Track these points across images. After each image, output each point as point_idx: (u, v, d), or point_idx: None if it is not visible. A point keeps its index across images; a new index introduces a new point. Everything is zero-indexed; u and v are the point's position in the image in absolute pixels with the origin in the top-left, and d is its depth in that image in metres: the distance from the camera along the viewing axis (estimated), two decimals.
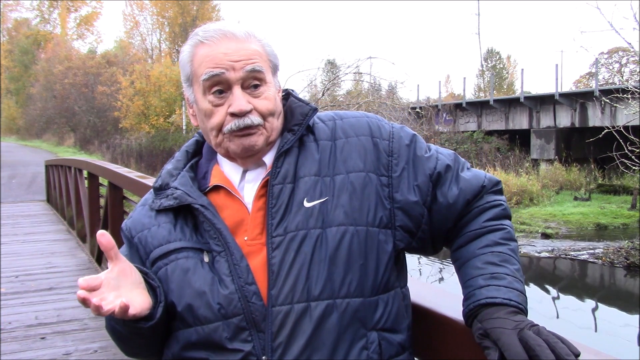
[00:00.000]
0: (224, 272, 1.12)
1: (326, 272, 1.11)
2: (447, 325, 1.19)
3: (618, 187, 18.40)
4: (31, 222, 9.94)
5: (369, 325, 1.13)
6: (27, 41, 49.96)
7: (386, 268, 1.17)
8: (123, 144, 30.48)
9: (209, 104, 1.18)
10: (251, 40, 1.19)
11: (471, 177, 1.24)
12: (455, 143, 23.27)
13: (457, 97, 37.69)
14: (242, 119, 1.16)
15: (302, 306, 1.09)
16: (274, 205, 1.15)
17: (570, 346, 0.95)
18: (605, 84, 25.64)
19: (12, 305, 4.82)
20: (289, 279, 1.10)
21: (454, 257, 1.23)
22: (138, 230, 1.25)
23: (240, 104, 1.15)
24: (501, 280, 1.09)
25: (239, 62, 1.16)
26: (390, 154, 1.23)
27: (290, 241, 1.12)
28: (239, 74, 1.16)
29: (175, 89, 30.86)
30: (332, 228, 1.14)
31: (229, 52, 1.16)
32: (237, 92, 1.16)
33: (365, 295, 1.13)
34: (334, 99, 17.85)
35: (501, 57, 50.54)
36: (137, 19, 44.72)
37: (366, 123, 1.26)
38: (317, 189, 1.17)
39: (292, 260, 1.11)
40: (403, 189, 1.20)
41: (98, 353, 3.74)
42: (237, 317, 1.10)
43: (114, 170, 5.14)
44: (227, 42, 1.17)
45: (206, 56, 1.17)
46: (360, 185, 1.18)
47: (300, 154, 1.21)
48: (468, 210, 1.22)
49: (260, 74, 1.17)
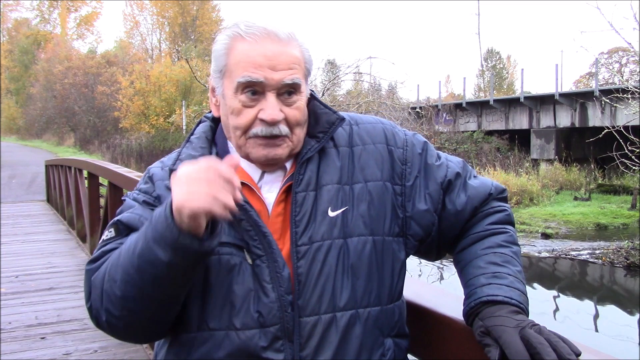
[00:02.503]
0: (265, 279, 1.10)
1: (350, 283, 1.12)
2: (446, 325, 1.19)
3: (618, 187, 18.39)
4: (31, 222, 9.93)
5: (385, 333, 1.16)
6: (27, 41, 49.96)
7: (400, 276, 1.20)
8: (123, 144, 30.47)
9: (239, 103, 1.13)
10: (293, 44, 1.15)
11: (479, 184, 1.26)
12: (455, 143, 23.25)
13: (457, 97, 37.67)
14: (271, 128, 1.12)
15: (329, 317, 1.10)
16: (297, 214, 1.13)
17: (571, 346, 0.95)
18: (605, 84, 25.62)
19: (12, 305, 4.82)
20: (316, 289, 1.10)
21: (456, 258, 1.24)
22: None
23: (273, 113, 1.11)
24: (503, 279, 1.10)
25: (279, 72, 1.11)
26: (404, 163, 1.23)
27: (317, 251, 1.12)
28: (276, 82, 1.11)
29: (175, 89, 30.87)
30: (353, 238, 1.14)
31: (269, 55, 1.11)
32: (271, 99, 1.12)
33: (382, 303, 1.16)
34: (334, 98, 17.85)
35: (501, 57, 50.58)
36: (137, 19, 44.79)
37: (382, 130, 1.26)
38: (339, 197, 1.16)
39: (319, 271, 1.11)
40: (415, 198, 1.21)
41: (98, 353, 3.74)
42: (274, 326, 1.09)
43: (114, 170, 5.13)
44: (269, 43, 1.12)
45: (245, 54, 1.12)
46: (377, 195, 1.18)
47: (322, 161, 1.19)
48: (474, 215, 1.24)
49: (297, 86, 1.14)
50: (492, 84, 27.11)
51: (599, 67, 25.31)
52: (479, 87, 45.70)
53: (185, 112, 27.19)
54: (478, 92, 43.67)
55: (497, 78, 44.23)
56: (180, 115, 28.59)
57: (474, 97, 36.63)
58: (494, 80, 35.30)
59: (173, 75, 30.89)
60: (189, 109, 27.03)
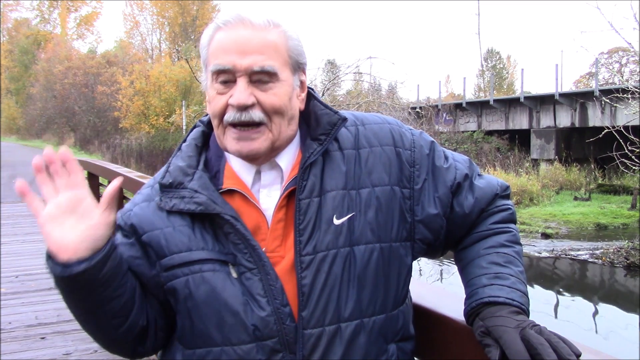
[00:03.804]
0: (258, 292, 1.07)
1: (356, 293, 1.10)
2: (446, 325, 1.19)
3: (618, 187, 18.39)
4: (31, 222, 9.90)
5: (389, 339, 1.14)
6: (27, 41, 49.97)
7: (405, 281, 1.18)
8: (123, 144, 30.49)
9: (214, 91, 1.11)
10: (270, 30, 1.10)
11: (485, 185, 1.24)
12: (455, 143, 23.25)
13: (457, 97, 37.66)
14: (242, 113, 1.08)
15: (333, 328, 1.08)
16: (301, 222, 1.09)
17: (571, 346, 0.95)
18: (605, 84, 25.62)
19: (12, 305, 4.81)
20: (321, 301, 1.08)
21: (458, 256, 1.24)
22: (147, 228, 1.15)
23: (240, 96, 1.07)
24: (505, 280, 1.10)
25: (249, 57, 1.07)
26: (412, 165, 1.19)
27: (321, 262, 1.08)
28: (245, 68, 1.07)
29: (175, 89, 30.86)
30: (360, 246, 1.11)
31: (240, 41, 1.07)
32: (240, 84, 1.07)
33: (387, 310, 1.14)
34: (334, 98, 17.86)
35: (501, 57, 50.57)
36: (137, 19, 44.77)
37: (389, 131, 1.21)
38: (345, 203, 1.12)
39: (323, 282, 1.08)
40: (424, 202, 1.18)
41: (98, 353, 3.73)
42: (272, 339, 1.06)
43: (114, 170, 5.13)
44: (242, 29, 1.08)
45: (219, 43, 1.10)
46: (385, 200, 1.15)
47: (326, 165, 1.14)
48: (479, 216, 1.23)
49: (268, 76, 1.08)
50: (492, 84, 27.11)
51: (599, 67, 25.31)
52: (479, 87, 45.73)
53: (185, 112, 27.18)
54: (478, 92, 43.69)
55: (497, 78, 44.23)
56: (180, 115, 28.59)
57: (474, 97, 36.63)
58: (494, 80, 35.30)
59: (173, 75, 30.88)
60: (189, 109, 27.02)
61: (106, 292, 1.08)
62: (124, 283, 1.11)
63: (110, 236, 1.07)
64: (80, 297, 1.08)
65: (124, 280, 1.11)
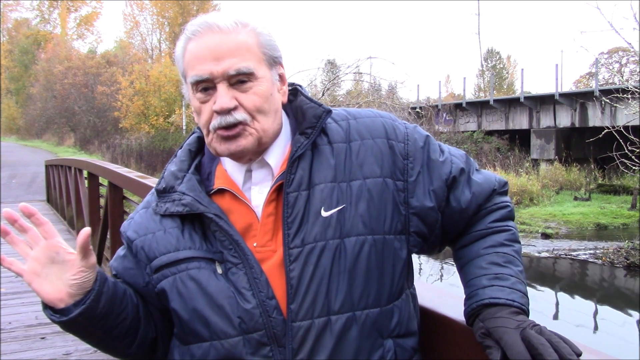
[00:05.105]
0: (243, 286, 1.09)
1: (346, 285, 1.09)
2: (447, 325, 1.19)
3: (618, 187, 18.40)
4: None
5: (385, 334, 1.12)
6: (27, 41, 49.95)
7: (401, 275, 1.16)
8: (123, 144, 30.46)
9: (197, 101, 1.13)
10: (239, 31, 1.11)
11: (483, 180, 1.23)
12: (455, 143, 23.25)
13: (457, 97, 37.68)
14: (226, 117, 1.09)
15: (323, 321, 1.07)
16: (289, 215, 1.10)
17: (572, 346, 0.95)
18: (605, 84, 25.63)
19: (12, 305, 4.82)
20: (309, 293, 1.07)
21: (457, 255, 1.23)
22: (141, 234, 1.19)
23: (221, 101, 1.08)
24: (505, 281, 1.09)
25: (224, 62, 1.08)
26: (406, 157, 1.18)
27: (309, 254, 1.08)
28: (221, 74, 1.09)
29: (175, 89, 30.84)
30: (350, 238, 1.10)
31: (211, 47, 1.09)
32: (221, 89, 1.09)
33: (381, 304, 1.12)
34: (334, 98, 17.86)
35: (501, 57, 50.55)
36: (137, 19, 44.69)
37: (381, 124, 1.21)
38: (334, 196, 1.12)
39: (311, 274, 1.08)
40: (419, 194, 1.17)
41: (98, 353, 3.73)
42: (258, 332, 1.07)
43: (114, 170, 5.13)
44: (210, 35, 1.10)
45: (192, 53, 1.11)
46: (377, 192, 1.14)
47: (315, 159, 1.15)
48: (477, 212, 1.22)
49: (245, 76, 1.10)
50: (492, 84, 27.13)
51: (599, 67, 25.33)
52: (479, 87, 45.71)
53: (185, 112, 27.19)
54: (478, 92, 43.67)
55: (497, 78, 44.23)
56: (180, 115, 28.60)
57: (474, 97, 36.65)
58: (494, 80, 35.30)
59: (173, 75, 30.84)
60: (188, 109, 26.99)
61: (109, 321, 1.14)
62: (125, 307, 1.16)
63: (97, 274, 1.11)
64: (85, 332, 1.15)
65: (124, 305, 1.16)
